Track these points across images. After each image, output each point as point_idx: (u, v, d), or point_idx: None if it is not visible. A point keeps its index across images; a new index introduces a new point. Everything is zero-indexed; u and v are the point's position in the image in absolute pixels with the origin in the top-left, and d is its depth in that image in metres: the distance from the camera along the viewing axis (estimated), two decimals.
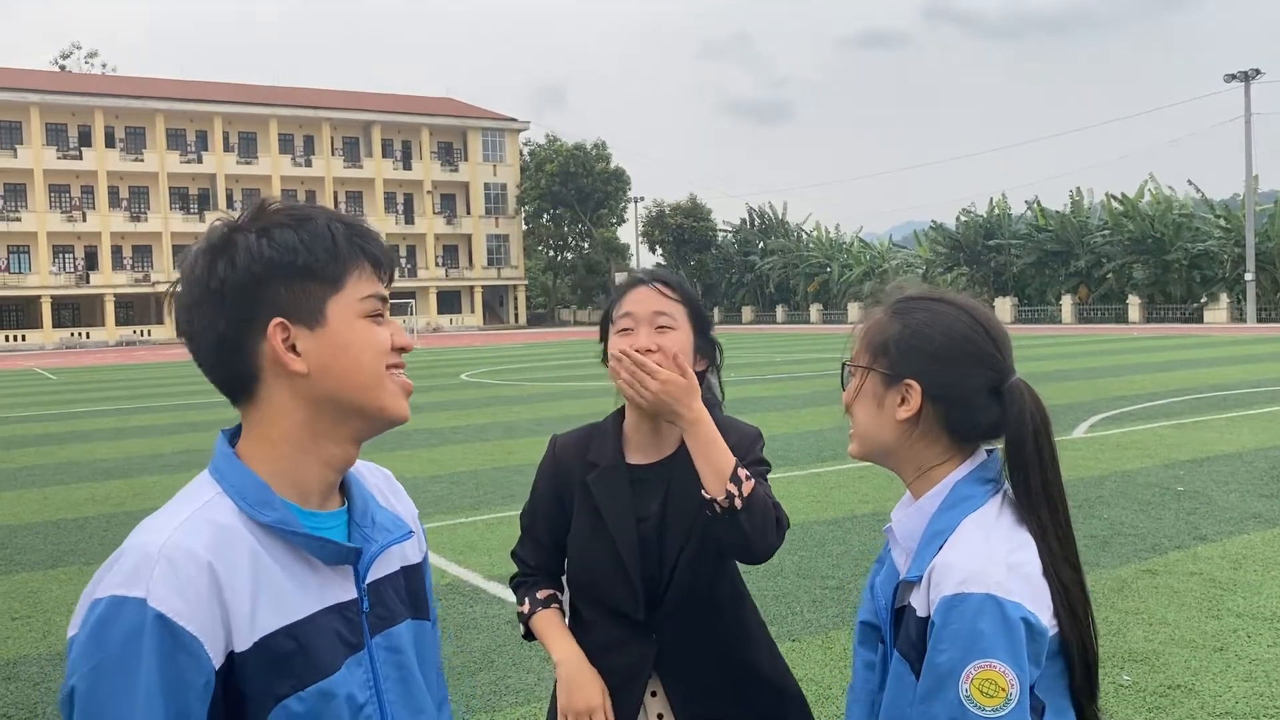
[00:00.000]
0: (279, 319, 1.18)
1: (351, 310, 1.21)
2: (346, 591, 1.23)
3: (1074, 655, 1.42)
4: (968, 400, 1.48)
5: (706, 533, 1.94)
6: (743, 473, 1.86)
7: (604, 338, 2.07)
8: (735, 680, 2.05)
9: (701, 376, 2.04)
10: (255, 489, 1.18)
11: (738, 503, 1.82)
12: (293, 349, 1.19)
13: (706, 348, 2.06)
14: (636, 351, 1.89)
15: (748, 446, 2.03)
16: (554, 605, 2.09)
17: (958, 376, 1.48)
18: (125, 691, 1.06)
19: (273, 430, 1.21)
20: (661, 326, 1.95)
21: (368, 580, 1.27)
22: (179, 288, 1.21)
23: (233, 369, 1.20)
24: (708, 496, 1.84)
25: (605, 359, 2.04)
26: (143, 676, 1.07)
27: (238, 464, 1.20)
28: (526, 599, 2.09)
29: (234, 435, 1.27)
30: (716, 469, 1.83)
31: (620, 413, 2.10)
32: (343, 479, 1.30)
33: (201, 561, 1.11)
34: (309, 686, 1.15)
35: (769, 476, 2.09)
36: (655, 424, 2.03)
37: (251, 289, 1.17)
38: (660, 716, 2.01)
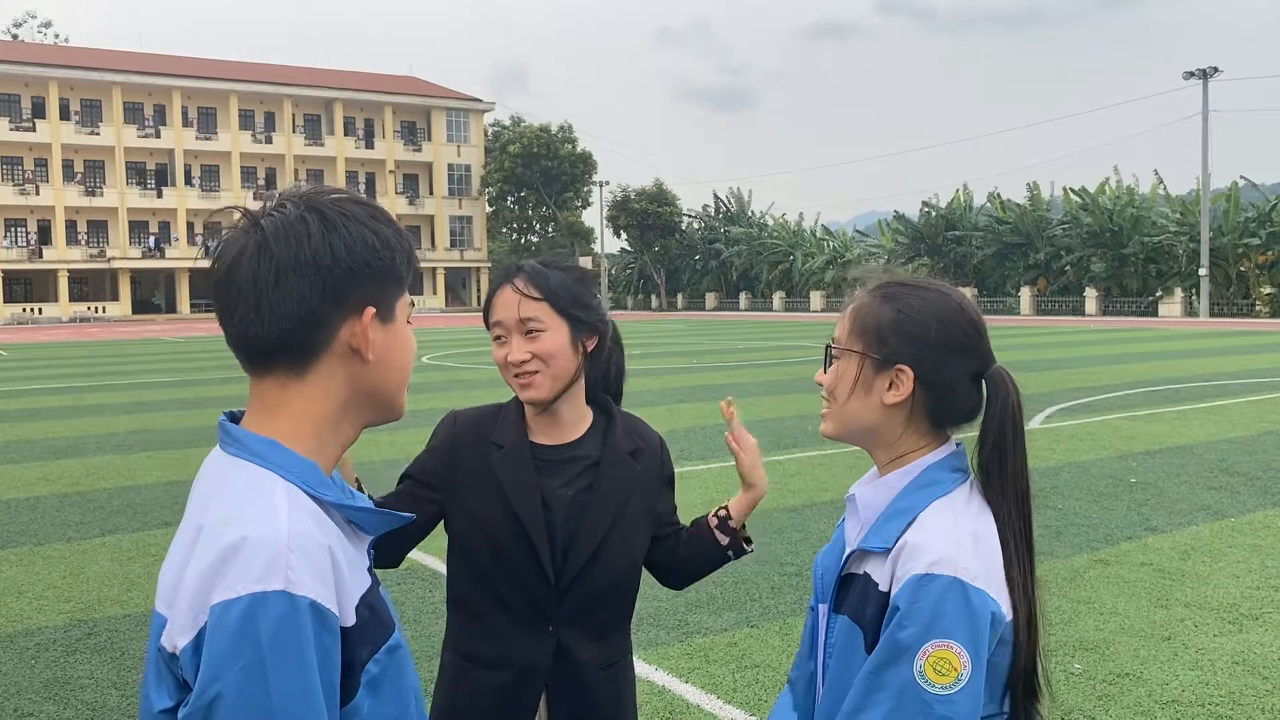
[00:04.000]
0: (372, 308, 1.23)
1: (404, 312, 1.29)
2: (365, 553, 1.30)
3: (1021, 641, 1.44)
4: (955, 387, 1.51)
5: (697, 555, 2.14)
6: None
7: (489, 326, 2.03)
8: (614, 687, 2.05)
9: (596, 355, 2.01)
10: (310, 470, 1.21)
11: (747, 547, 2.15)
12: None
13: (588, 326, 1.97)
14: (516, 365, 1.93)
15: (665, 458, 2.16)
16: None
17: (949, 363, 1.50)
18: (288, 681, 1.07)
19: (315, 408, 1.24)
20: (531, 332, 1.92)
21: None
22: (274, 245, 1.19)
23: (302, 341, 1.21)
24: (746, 543, 2.16)
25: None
26: (304, 663, 1.08)
27: (284, 449, 1.21)
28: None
29: (236, 417, 1.27)
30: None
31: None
32: None
33: (323, 546, 1.14)
34: (381, 647, 1.21)
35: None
36: (552, 415, 2.01)
37: (358, 275, 1.22)
38: None
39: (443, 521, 2.09)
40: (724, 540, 2.11)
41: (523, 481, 1.97)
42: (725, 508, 2.12)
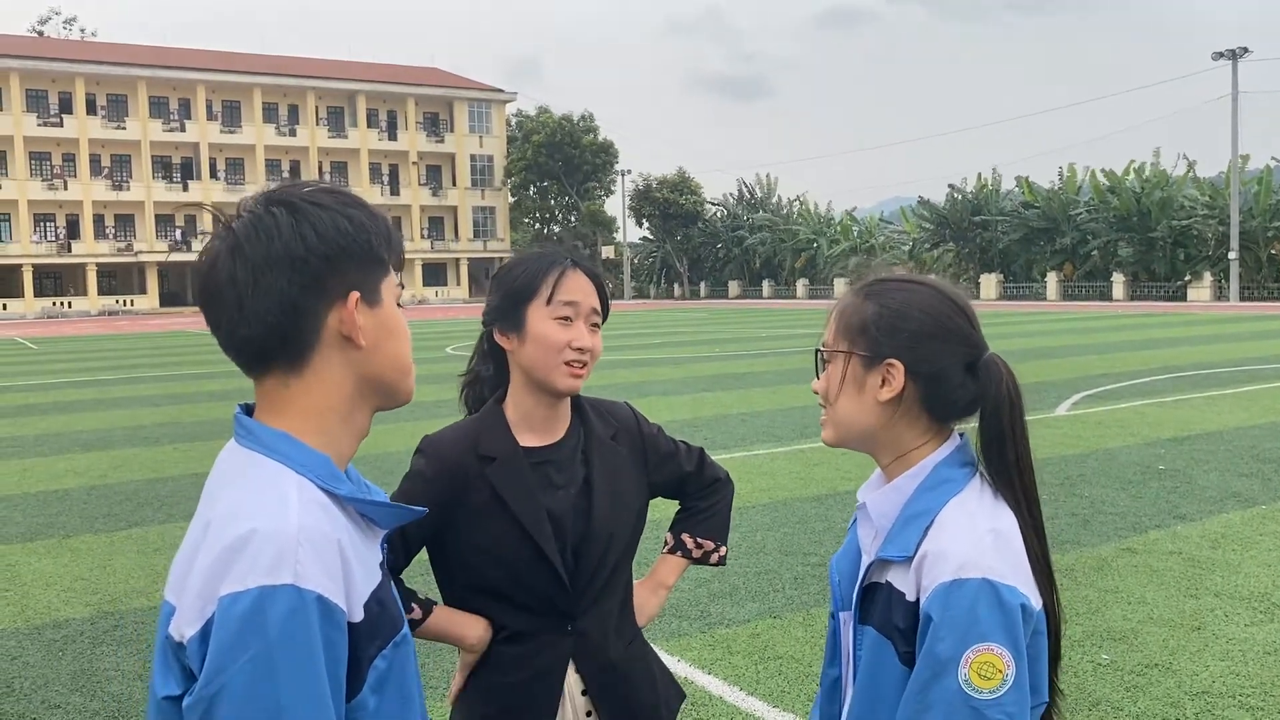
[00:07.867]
0: (356, 293, 1.22)
1: (392, 294, 1.28)
2: (378, 547, 1.29)
3: (1051, 626, 1.44)
4: (948, 377, 1.49)
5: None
6: (698, 553, 2.18)
7: (518, 303, 1.92)
8: (643, 663, 2.06)
9: None
10: (322, 464, 1.21)
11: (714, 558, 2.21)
12: None
13: None
14: (579, 352, 1.89)
15: (641, 424, 2.10)
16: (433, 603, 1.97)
17: (938, 353, 1.49)
18: (295, 675, 1.07)
19: (320, 401, 1.23)
20: (595, 325, 1.95)
21: None
22: (245, 245, 1.20)
23: (292, 336, 1.21)
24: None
25: (507, 326, 1.93)
26: (312, 657, 1.08)
27: (296, 442, 1.21)
28: (412, 603, 1.91)
29: (250, 410, 1.27)
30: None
31: (499, 401, 2.00)
32: None
33: (333, 540, 1.14)
34: (389, 642, 1.21)
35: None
36: (553, 407, 1.96)
37: (335, 261, 1.21)
38: (590, 714, 1.98)
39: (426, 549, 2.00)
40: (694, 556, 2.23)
41: (524, 490, 1.91)
42: (677, 546, 2.20)
